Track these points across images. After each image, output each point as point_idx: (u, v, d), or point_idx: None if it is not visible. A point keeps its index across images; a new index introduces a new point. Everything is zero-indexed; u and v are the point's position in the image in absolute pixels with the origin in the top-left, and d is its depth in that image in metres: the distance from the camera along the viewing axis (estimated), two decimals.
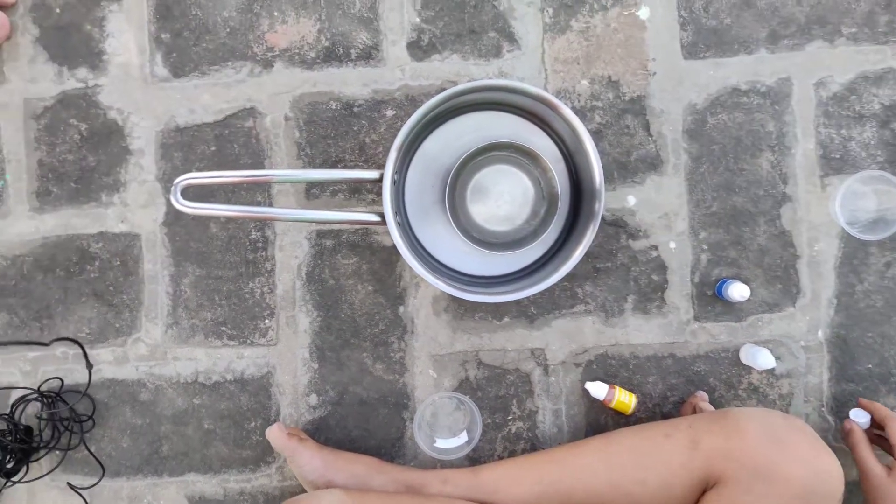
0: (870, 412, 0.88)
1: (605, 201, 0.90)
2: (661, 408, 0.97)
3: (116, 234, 1.00)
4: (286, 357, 0.99)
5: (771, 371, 0.95)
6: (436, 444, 0.96)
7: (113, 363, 1.00)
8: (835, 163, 0.95)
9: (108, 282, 1.00)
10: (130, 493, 1.00)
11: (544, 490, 0.84)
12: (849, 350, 0.95)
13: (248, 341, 0.99)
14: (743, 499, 0.75)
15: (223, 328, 0.99)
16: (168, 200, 0.99)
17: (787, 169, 0.95)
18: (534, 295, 0.88)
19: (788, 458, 0.75)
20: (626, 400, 0.93)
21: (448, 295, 0.96)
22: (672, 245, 0.97)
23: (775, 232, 0.96)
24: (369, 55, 0.98)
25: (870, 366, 0.95)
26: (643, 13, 0.96)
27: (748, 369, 0.96)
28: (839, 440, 0.96)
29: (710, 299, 0.96)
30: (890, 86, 0.95)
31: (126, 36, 1.00)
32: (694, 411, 0.91)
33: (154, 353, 1.00)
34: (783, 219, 0.95)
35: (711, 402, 0.95)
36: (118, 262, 1.00)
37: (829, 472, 0.75)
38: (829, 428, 0.96)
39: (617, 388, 0.93)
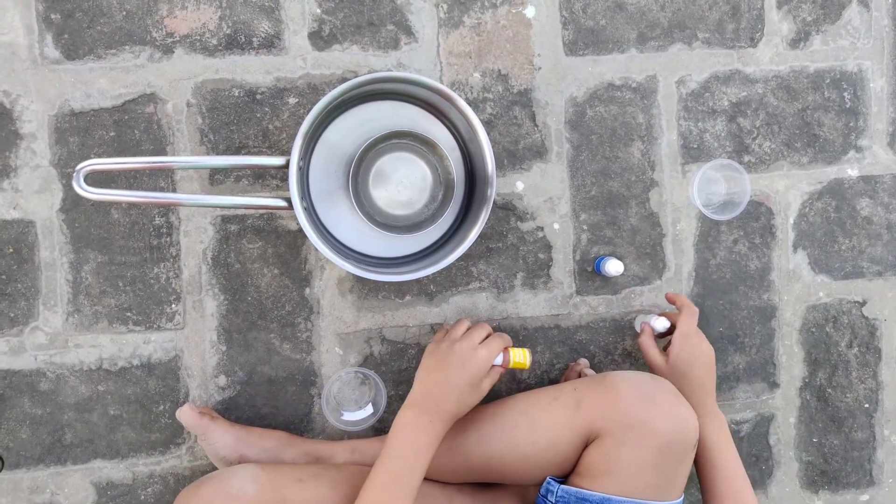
0: (673, 303, 1.01)
1: (496, 187, 0.98)
2: (548, 374, 1.07)
3: (8, 221, 0.97)
4: (193, 340, 1.01)
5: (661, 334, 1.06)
6: (343, 417, 1.02)
7: (8, 353, 0.97)
8: (693, 152, 1.08)
9: (1, 270, 0.97)
10: (31, 484, 0.99)
11: (444, 452, 0.91)
12: (704, 316, 1.10)
13: (155, 326, 1.00)
14: (618, 450, 0.85)
15: (128, 314, 0.99)
16: (65, 186, 0.97)
17: (654, 157, 1.08)
18: (433, 274, 0.95)
19: (655, 413, 0.86)
20: (520, 359, 0.92)
21: (353, 276, 1.02)
22: (556, 226, 1.07)
23: (645, 213, 1.08)
24: (271, 44, 1.00)
25: (721, 329, 1.10)
26: (529, 12, 1.05)
27: (623, 337, 1.08)
28: None
29: (590, 275, 1.07)
30: (736, 85, 1.09)
31: (10, 14, 0.96)
32: (578, 377, 1.02)
33: (54, 341, 0.98)
34: (651, 202, 1.08)
35: (592, 366, 1.07)
36: (11, 250, 0.97)
37: (688, 424, 0.87)
38: None
39: (511, 350, 0.92)
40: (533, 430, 0.89)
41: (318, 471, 0.90)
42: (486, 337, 0.89)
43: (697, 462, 0.93)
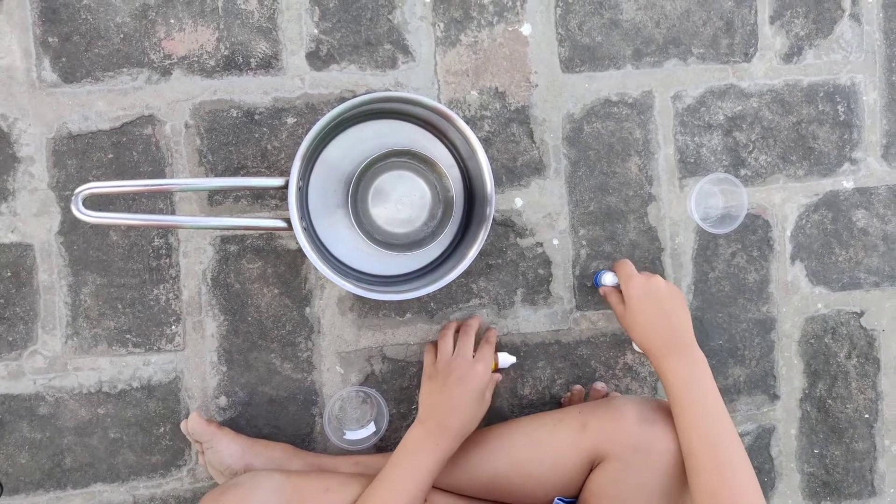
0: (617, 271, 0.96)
1: (495, 203, 0.98)
2: (549, 389, 1.07)
3: (6, 244, 0.96)
4: (194, 361, 1.00)
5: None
6: (345, 436, 1.01)
7: (7, 377, 0.97)
8: (690, 166, 1.09)
9: None
10: None
11: (450, 469, 0.91)
12: (704, 329, 1.10)
13: (155, 348, 0.99)
14: (624, 473, 0.85)
15: (128, 336, 0.99)
16: (64, 209, 0.97)
17: (651, 172, 1.08)
18: (433, 291, 0.95)
19: (661, 436, 0.85)
20: (503, 362, 1.03)
21: (353, 295, 1.01)
22: (555, 242, 1.07)
23: (643, 228, 1.08)
24: (269, 64, 1.00)
25: (720, 342, 1.11)
26: (525, 29, 1.05)
27: (623, 352, 1.08)
28: None
29: (590, 290, 1.07)
30: (731, 99, 1.10)
31: (8, 38, 0.96)
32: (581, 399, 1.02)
33: (53, 365, 0.97)
34: (649, 216, 1.08)
35: (593, 381, 1.07)
36: (9, 274, 0.96)
37: None
38: None
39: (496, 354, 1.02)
40: (538, 450, 0.89)
41: (343, 479, 0.89)
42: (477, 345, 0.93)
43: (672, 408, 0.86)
